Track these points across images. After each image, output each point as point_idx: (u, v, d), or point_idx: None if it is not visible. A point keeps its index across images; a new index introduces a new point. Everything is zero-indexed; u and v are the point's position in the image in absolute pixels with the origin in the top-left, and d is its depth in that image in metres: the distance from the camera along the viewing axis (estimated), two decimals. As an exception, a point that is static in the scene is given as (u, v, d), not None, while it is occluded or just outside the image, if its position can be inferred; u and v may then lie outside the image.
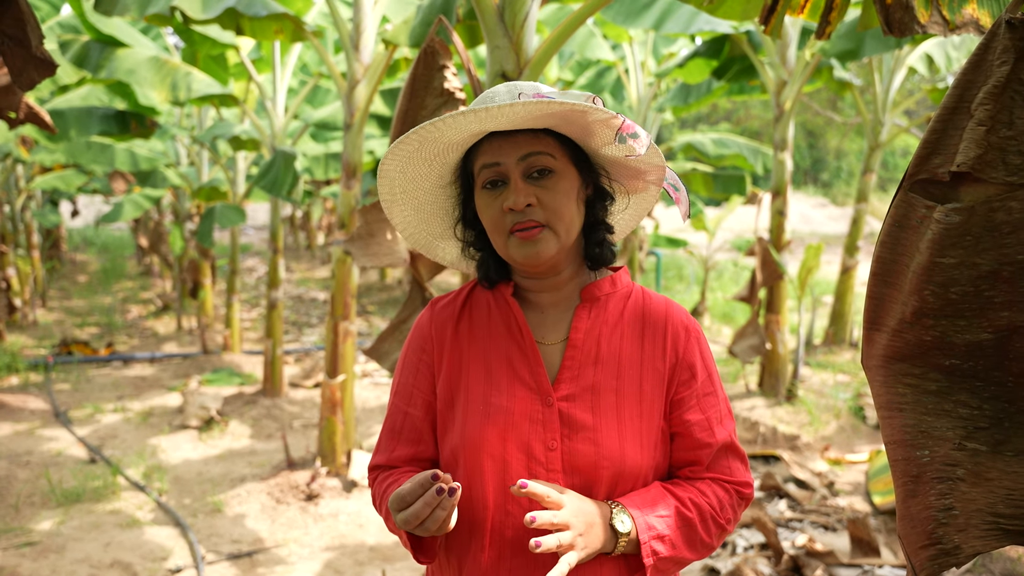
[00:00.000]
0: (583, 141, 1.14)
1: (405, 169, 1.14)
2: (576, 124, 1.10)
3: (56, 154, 8.03)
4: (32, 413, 5.56)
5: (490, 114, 1.02)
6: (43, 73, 1.69)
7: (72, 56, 4.89)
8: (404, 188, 1.18)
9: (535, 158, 1.10)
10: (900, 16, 1.72)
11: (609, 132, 1.10)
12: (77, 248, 18.99)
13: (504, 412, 1.12)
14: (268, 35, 3.99)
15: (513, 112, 1.03)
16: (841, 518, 3.77)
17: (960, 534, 0.82)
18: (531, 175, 1.10)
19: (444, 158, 1.15)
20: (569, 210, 1.12)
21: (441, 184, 1.20)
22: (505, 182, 1.11)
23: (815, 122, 23.41)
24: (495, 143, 1.11)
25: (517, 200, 1.08)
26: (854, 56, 4.84)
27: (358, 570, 3.33)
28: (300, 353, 7.64)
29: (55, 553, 3.40)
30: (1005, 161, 0.81)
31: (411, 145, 1.09)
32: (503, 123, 1.06)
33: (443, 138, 1.09)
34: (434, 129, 1.06)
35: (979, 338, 0.84)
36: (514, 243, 1.10)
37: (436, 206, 1.23)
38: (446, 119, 1.04)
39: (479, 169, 1.12)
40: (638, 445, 1.12)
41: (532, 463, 1.10)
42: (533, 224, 1.09)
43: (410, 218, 1.23)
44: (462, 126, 1.06)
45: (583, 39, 6.54)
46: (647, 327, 1.18)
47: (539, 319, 1.19)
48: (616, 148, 1.12)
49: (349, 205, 4.09)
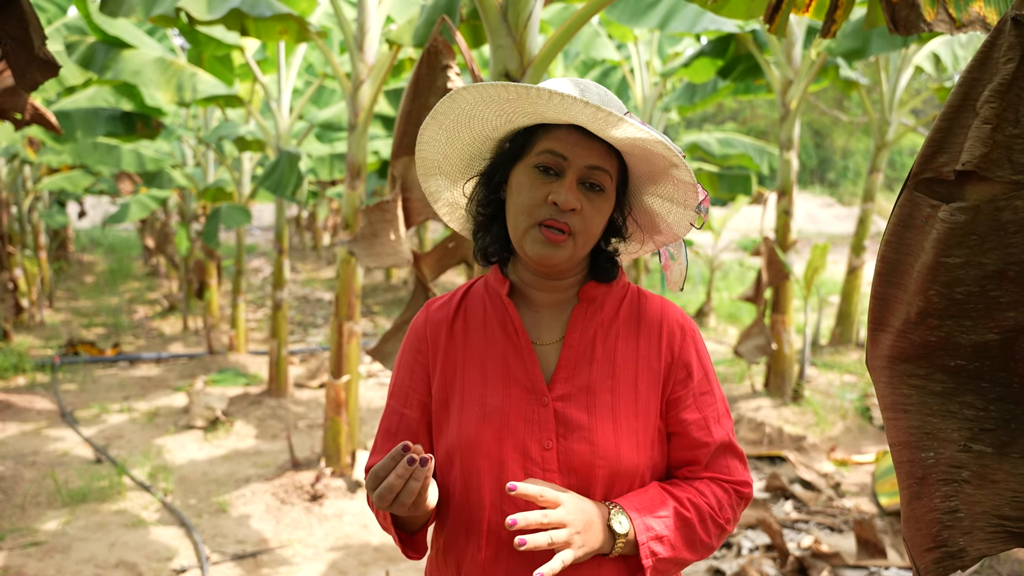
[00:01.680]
0: (640, 178, 1.16)
1: (475, 107, 1.10)
2: (651, 164, 1.11)
3: (63, 155, 8.06)
4: (38, 413, 5.58)
5: (609, 120, 1.01)
6: (46, 74, 1.69)
7: (78, 57, 4.91)
8: (458, 120, 1.13)
9: (598, 173, 1.10)
10: (906, 14, 1.71)
11: (673, 188, 1.13)
12: (84, 249, 19.07)
13: (500, 412, 1.12)
14: (273, 36, 4.00)
15: (621, 128, 1.03)
16: (847, 519, 3.75)
17: (965, 536, 0.81)
18: (584, 183, 1.10)
19: (517, 120, 1.12)
20: (598, 231, 1.13)
21: (491, 136, 1.16)
22: (558, 174, 1.10)
23: (821, 121, 23.36)
24: (573, 136, 1.09)
25: (568, 200, 1.07)
26: (860, 55, 4.82)
27: (362, 571, 3.33)
28: (305, 353, 7.66)
29: (60, 553, 3.41)
30: (1011, 160, 0.80)
31: (509, 93, 1.05)
32: (605, 132, 1.06)
33: (539, 109, 1.06)
34: (540, 98, 1.02)
35: (985, 339, 0.83)
36: (535, 236, 1.09)
37: (469, 149, 1.18)
38: (565, 98, 0.99)
39: (541, 149, 1.10)
40: (634, 444, 1.12)
41: (528, 463, 1.10)
42: (565, 228, 1.08)
43: (439, 141, 1.17)
44: (570, 112, 1.03)
45: (588, 39, 6.53)
46: (643, 326, 1.18)
47: (535, 319, 1.18)
48: (686, 214, 1.15)
49: (353, 205, 4.09)
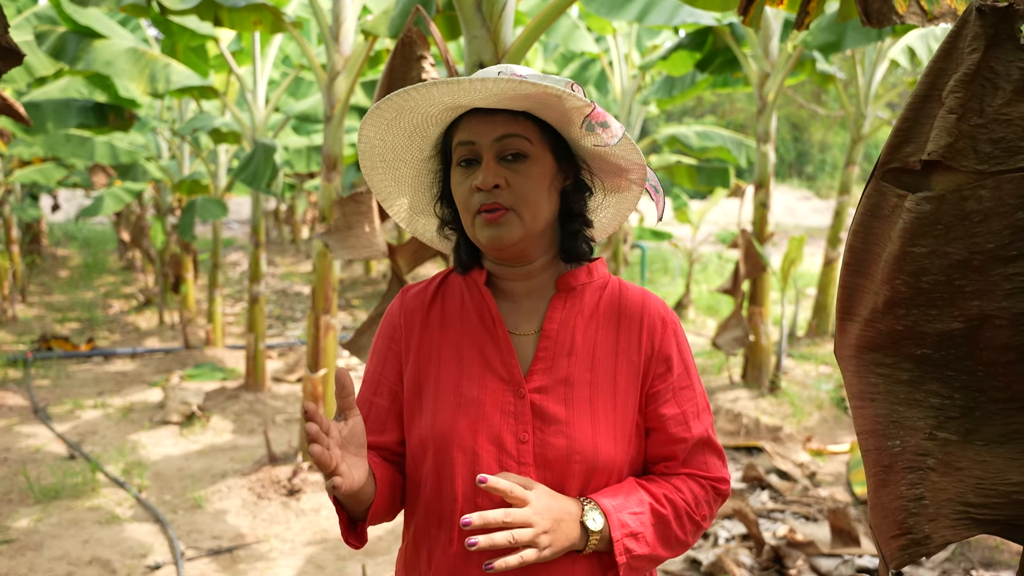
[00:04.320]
0: (564, 130, 1.12)
1: (384, 137, 1.13)
2: (555, 110, 1.08)
3: (35, 147, 7.92)
4: (10, 409, 5.49)
5: (462, 87, 1.01)
6: (9, 63, 1.65)
7: (48, 47, 4.82)
8: (384, 157, 1.16)
9: (510, 140, 1.08)
10: (878, 7, 1.72)
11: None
12: (58, 243, 18.76)
13: (475, 403, 1.10)
14: (247, 26, 3.95)
15: (485, 88, 1.01)
16: (822, 508, 3.79)
17: (930, 524, 0.82)
18: (505, 157, 1.08)
19: (424, 131, 1.14)
20: (537, 196, 1.09)
21: (422, 157, 1.19)
22: (479, 161, 1.09)
23: (799, 115, 23.53)
24: (473, 121, 1.09)
25: (486, 179, 1.06)
26: (836, 48, 4.85)
27: (340, 565, 3.32)
28: (284, 348, 7.60)
29: (33, 551, 3.36)
30: (976, 149, 0.80)
31: (389, 112, 1.08)
32: (476, 98, 1.05)
33: (419, 108, 1.08)
34: (408, 98, 1.05)
35: (950, 327, 0.83)
36: (479, 224, 1.09)
37: (418, 180, 1.22)
38: (419, 87, 1.02)
39: (455, 146, 1.11)
40: (612, 439, 1.09)
41: (503, 456, 1.08)
42: (498, 207, 1.07)
43: (390, 188, 1.22)
44: (435, 97, 1.05)
45: (567, 31, 6.52)
46: (623, 318, 1.15)
47: (512, 308, 1.16)
48: (585, 137, 1.10)
49: (330, 198, 4.05)
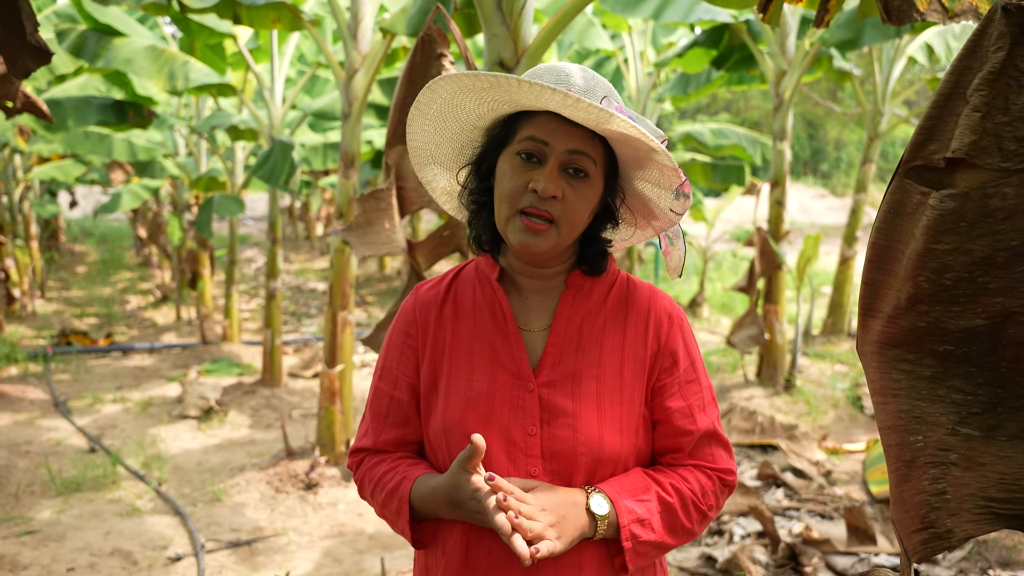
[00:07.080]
0: (626, 163, 1.15)
1: (455, 96, 1.12)
2: (633, 148, 1.10)
3: (54, 144, 8.01)
4: (32, 403, 5.57)
5: (579, 106, 1.01)
6: (38, 61, 1.68)
7: (69, 45, 4.87)
8: (442, 109, 1.15)
9: (580, 157, 1.09)
10: (899, 4, 1.71)
11: (658, 173, 1.11)
12: (76, 239, 18.96)
13: (485, 397, 1.13)
14: (265, 24, 3.98)
15: (598, 115, 1.02)
16: (838, 507, 3.79)
17: (952, 518, 0.83)
18: (567, 170, 1.09)
19: (498, 107, 1.13)
20: (581, 216, 1.12)
21: (477, 124, 1.17)
22: (541, 161, 1.09)
23: (815, 112, 23.36)
24: (553, 121, 1.09)
25: (547, 187, 1.07)
26: (854, 45, 4.82)
27: (357, 558, 3.35)
28: (299, 343, 7.65)
29: (55, 541, 3.41)
30: (1000, 147, 0.81)
31: (483, 82, 1.06)
32: (579, 117, 1.05)
33: (510, 97, 1.08)
34: (509, 88, 1.04)
35: (973, 324, 0.84)
36: (517, 225, 1.10)
37: (458, 138, 1.20)
38: (533, 85, 1.01)
39: (523, 136, 1.10)
40: (617, 431, 1.12)
41: (512, 448, 1.11)
42: (546, 216, 1.08)
43: (428, 131, 1.19)
44: (540, 99, 1.04)
45: (582, 28, 6.51)
46: (630, 314, 1.18)
47: (523, 305, 1.19)
48: (667, 199, 1.14)
49: (347, 195, 4.08)
